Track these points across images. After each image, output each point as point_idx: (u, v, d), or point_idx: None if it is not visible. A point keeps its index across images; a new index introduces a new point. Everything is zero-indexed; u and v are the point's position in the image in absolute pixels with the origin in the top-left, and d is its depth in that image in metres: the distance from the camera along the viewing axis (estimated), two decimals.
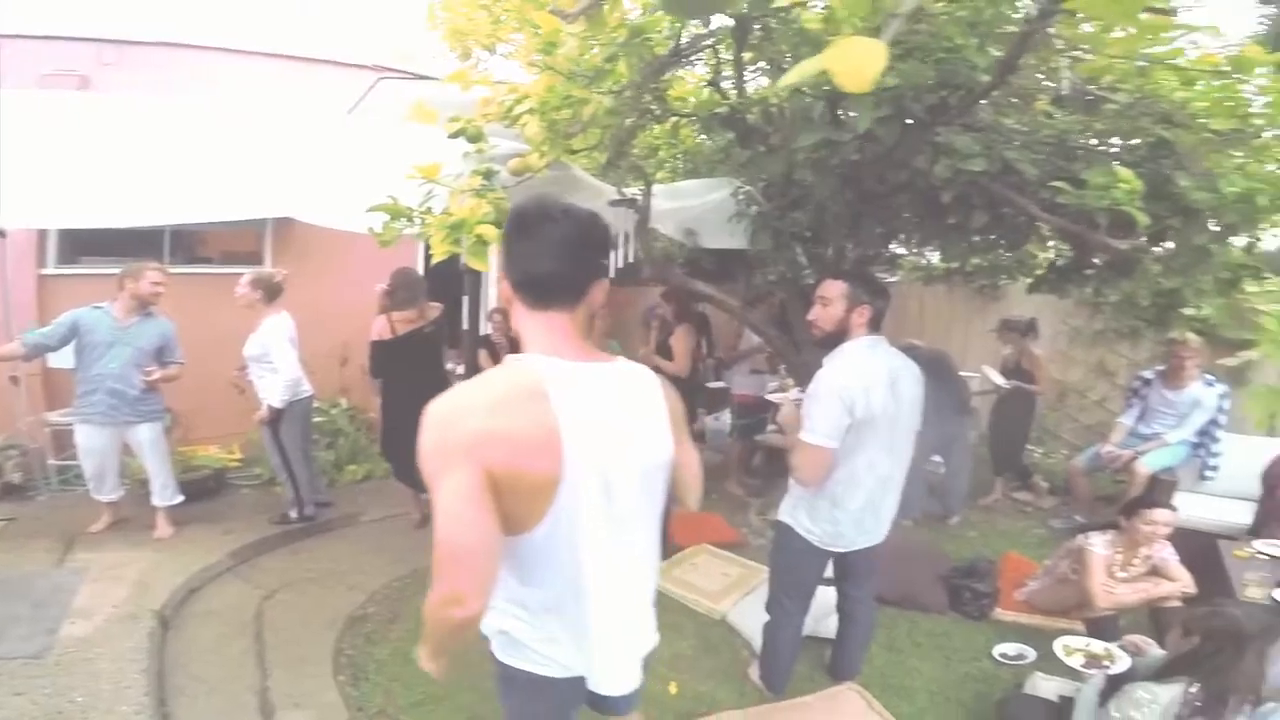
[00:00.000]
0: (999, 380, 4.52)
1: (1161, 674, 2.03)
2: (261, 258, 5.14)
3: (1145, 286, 2.94)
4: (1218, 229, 2.21)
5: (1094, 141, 2.52)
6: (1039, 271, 3.70)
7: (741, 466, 4.89)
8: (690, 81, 3.29)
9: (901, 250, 4.61)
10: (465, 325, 4.04)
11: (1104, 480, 4.51)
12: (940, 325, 5.94)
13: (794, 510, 2.31)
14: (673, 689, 2.59)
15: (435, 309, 3.81)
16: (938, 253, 4.47)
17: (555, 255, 1.12)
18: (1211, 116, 2.04)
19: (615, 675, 1.27)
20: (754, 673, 2.62)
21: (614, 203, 3.16)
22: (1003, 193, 2.47)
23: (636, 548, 1.24)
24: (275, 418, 3.63)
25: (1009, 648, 2.91)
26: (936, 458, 4.35)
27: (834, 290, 2.17)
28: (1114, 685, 2.09)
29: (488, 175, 2.33)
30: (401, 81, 4.75)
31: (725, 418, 5.31)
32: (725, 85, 3.09)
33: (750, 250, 3.67)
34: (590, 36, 2.00)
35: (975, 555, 3.67)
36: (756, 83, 2.91)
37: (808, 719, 2.34)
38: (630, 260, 3.30)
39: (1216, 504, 3.94)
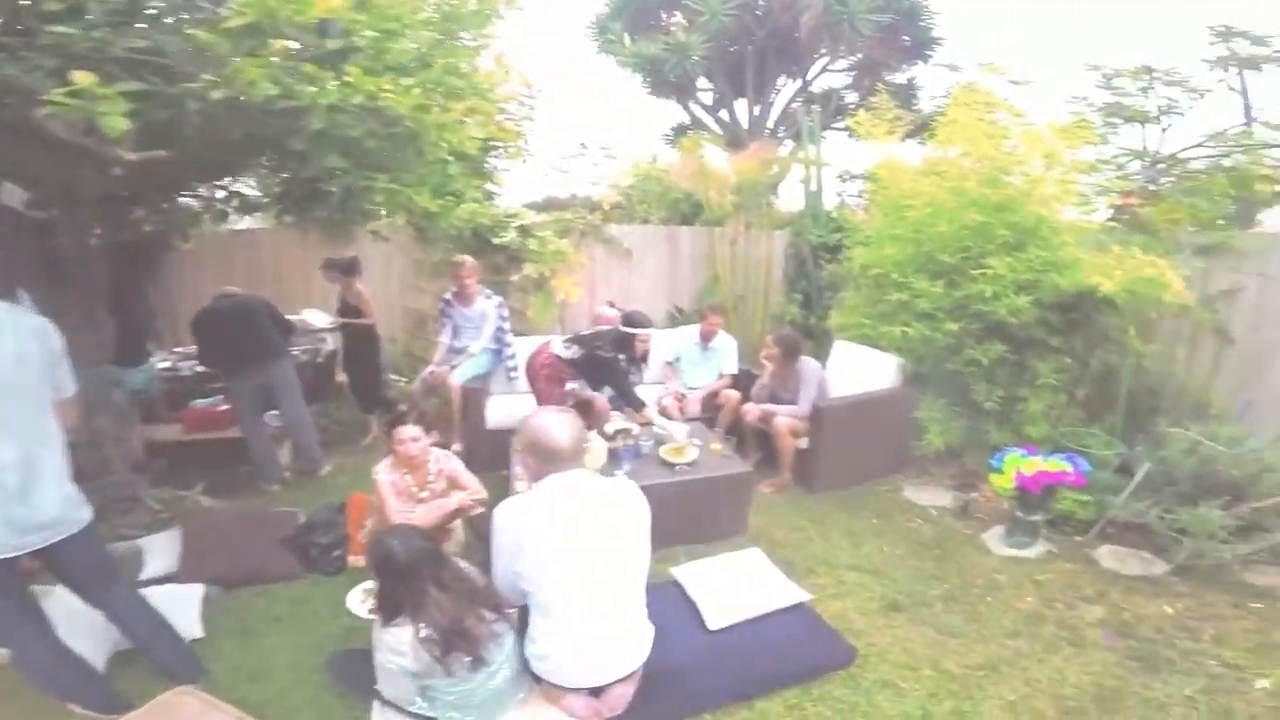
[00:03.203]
0: (319, 322, 4.61)
1: (387, 616, 1.93)
2: None
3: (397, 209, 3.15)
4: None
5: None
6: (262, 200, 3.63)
7: None
8: None
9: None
10: None
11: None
12: (298, 272, 5.68)
13: None
14: None
15: None
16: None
17: None
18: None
19: None
20: (76, 707, 2.17)
21: None
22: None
23: None
24: None
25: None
26: (273, 412, 4.16)
27: None
28: None
29: None
30: None
31: None
32: None
33: None
34: None
35: (323, 504, 3.51)
36: None
37: None
38: None
39: (521, 401, 4.27)
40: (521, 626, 2.08)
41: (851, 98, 11.96)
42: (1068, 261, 3.45)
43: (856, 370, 4.45)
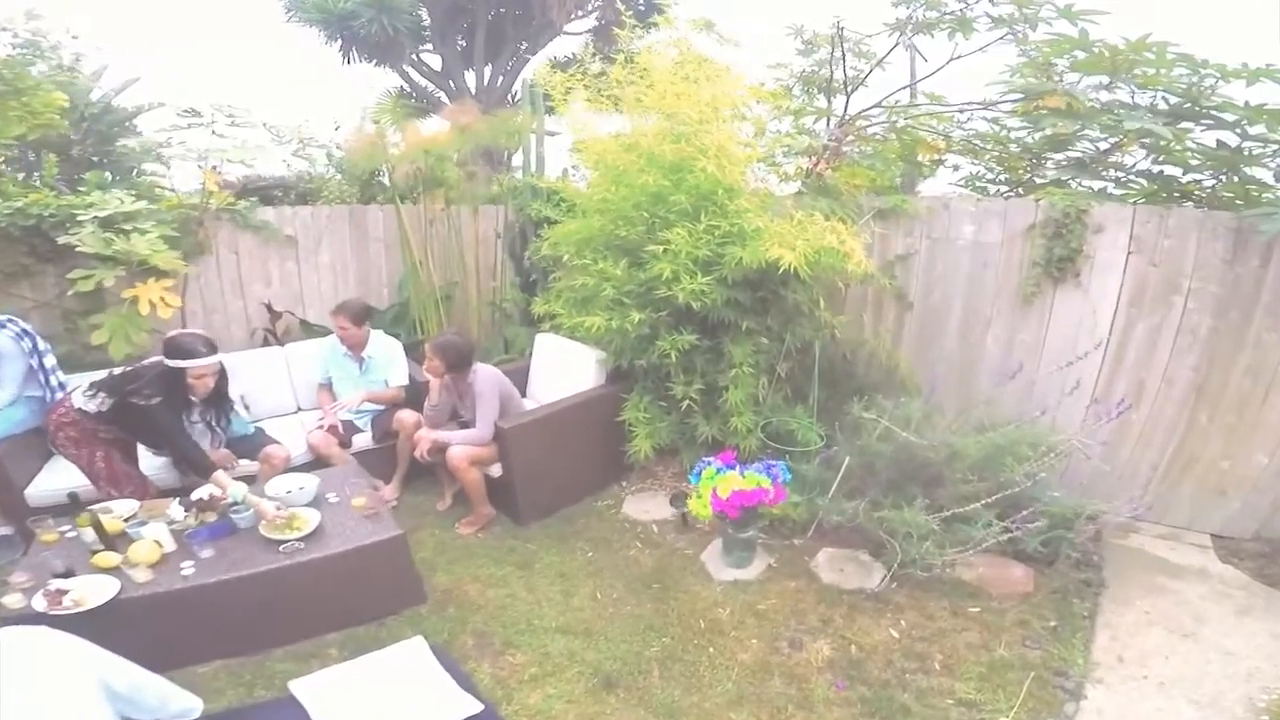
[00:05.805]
0: None
1: None
2: None
3: None
4: None
5: None
6: None
7: None
8: None
9: None
10: None
11: None
12: None
13: None
14: None
15: None
16: None
17: None
18: None
19: None
20: None
21: None
22: None
23: None
24: None
25: None
26: None
27: None
28: None
29: None
30: None
31: None
32: None
33: None
34: None
35: None
36: None
37: None
38: None
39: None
40: None
41: (595, 67, 11.46)
42: (748, 232, 3.03)
43: (561, 369, 3.78)
